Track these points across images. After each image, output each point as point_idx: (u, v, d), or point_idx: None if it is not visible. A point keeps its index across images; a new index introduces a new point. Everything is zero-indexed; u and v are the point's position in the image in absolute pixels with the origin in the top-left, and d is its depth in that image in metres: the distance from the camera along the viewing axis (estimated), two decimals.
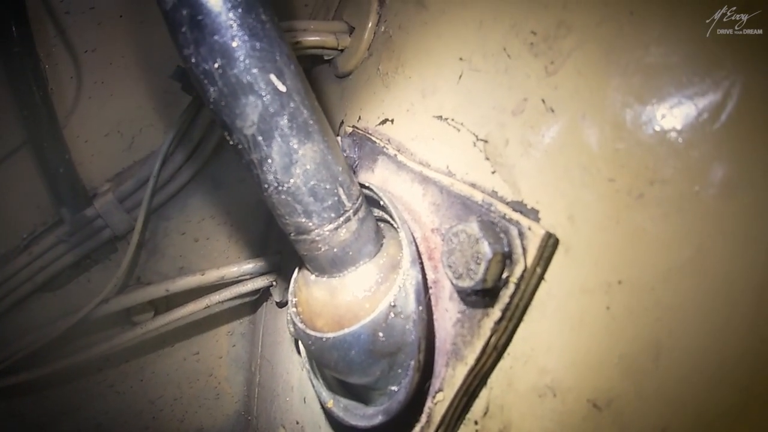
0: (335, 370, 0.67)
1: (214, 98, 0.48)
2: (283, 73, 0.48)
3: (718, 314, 0.41)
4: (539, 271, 0.51)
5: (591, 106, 0.50)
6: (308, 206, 0.54)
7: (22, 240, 0.93)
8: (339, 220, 0.56)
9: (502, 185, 0.57)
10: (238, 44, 0.46)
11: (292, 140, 0.50)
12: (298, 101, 0.49)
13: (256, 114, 0.48)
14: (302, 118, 0.50)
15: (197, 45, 0.46)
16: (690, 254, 0.43)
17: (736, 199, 0.41)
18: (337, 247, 0.58)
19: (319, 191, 0.54)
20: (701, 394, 0.41)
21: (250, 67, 0.46)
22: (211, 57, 0.46)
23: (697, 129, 0.44)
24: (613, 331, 0.46)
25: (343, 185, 0.56)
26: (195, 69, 0.47)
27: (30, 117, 0.86)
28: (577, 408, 0.49)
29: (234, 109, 0.48)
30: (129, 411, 1.07)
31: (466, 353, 0.56)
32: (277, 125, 0.49)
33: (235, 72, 0.46)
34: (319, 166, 0.53)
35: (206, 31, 0.45)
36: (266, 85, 0.47)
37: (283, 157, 0.50)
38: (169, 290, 0.97)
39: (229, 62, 0.46)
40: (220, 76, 0.46)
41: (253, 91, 0.47)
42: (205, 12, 0.45)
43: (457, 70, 0.63)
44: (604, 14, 0.50)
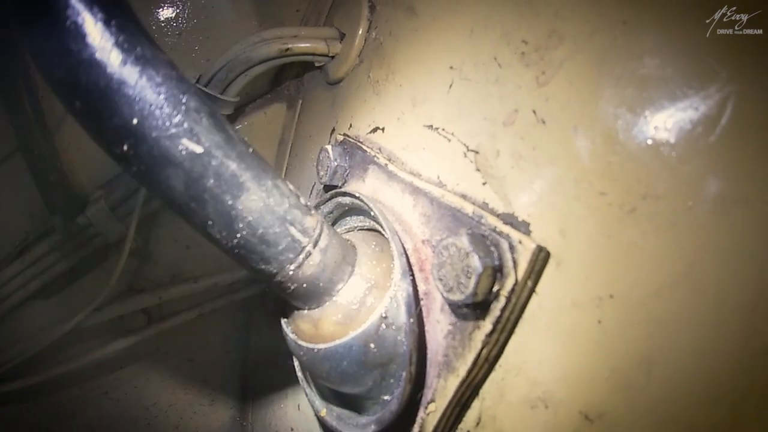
0: (328, 380, 0.67)
1: (138, 177, 0.46)
2: (195, 133, 0.45)
3: (710, 330, 0.41)
4: (530, 284, 0.51)
5: (583, 118, 0.50)
6: (263, 254, 0.53)
7: (14, 248, 0.92)
8: (299, 257, 0.55)
9: (493, 197, 0.56)
10: (139, 120, 0.43)
11: (225, 198, 0.48)
12: (219, 156, 0.47)
13: (181, 183, 0.46)
14: (229, 172, 0.48)
15: (101, 133, 0.44)
16: (682, 270, 0.42)
17: (729, 215, 0.41)
18: (306, 282, 0.58)
19: (270, 237, 0.52)
20: (692, 409, 0.41)
21: (159, 140, 0.44)
22: (118, 141, 0.43)
23: (690, 143, 0.43)
24: (605, 346, 0.46)
25: (293, 223, 0.54)
26: (110, 155, 0.45)
27: (20, 124, 0.85)
28: (569, 420, 0.49)
29: (158, 184, 0.46)
30: (123, 418, 1.06)
31: (458, 365, 0.55)
32: (204, 188, 0.47)
33: (145, 149, 0.44)
34: (262, 213, 0.51)
35: (103, 116, 0.42)
36: (181, 152, 0.45)
37: (222, 216, 0.49)
38: (162, 298, 0.96)
39: (136, 141, 0.43)
40: (133, 157, 0.44)
41: (169, 163, 0.45)
42: (97, 98, 0.42)
43: (448, 79, 0.63)
44: (597, 24, 0.49)
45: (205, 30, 0.94)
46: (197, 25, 0.94)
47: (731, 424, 0.39)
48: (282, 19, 0.96)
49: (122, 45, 0.42)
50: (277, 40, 0.82)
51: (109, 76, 0.42)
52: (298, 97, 0.98)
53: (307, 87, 0.97)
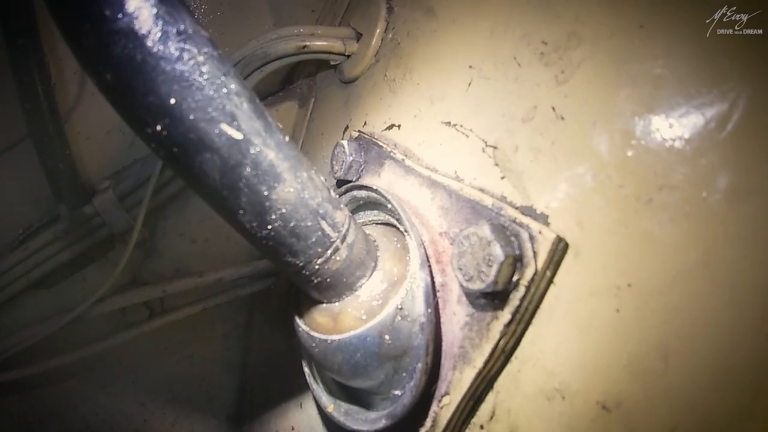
0: (339, 374, 0.67)
1: (168, 160, 0.44)
2: (235, 118, 0.43)
3: (726, 316, 0.42)
4: (549, 274, 0.52)
5: (601, 115, 0.52)
6: (293, 246, 0.52)
7: (18, 235, 0.91)
8: (327, 252, 0.54)
9: (512, 190, 0.58)
10: (177, 100, 0.40)
11: (261, 188, 0.46)
12: (259, 144, 0.45)
13: (216, 170, 0.43)
14: (267, 162, 0.46)
15: (133, 110, 0.41)
16: (698, 258, 0.44)
17: (742, 205, 0.42)
18: (331, 276, 0.57)
19: (301, 230, 0.51)
20: (709, 395, 0.42)
21: (196, 123, 0.41)
22: (152, 120, 0.41)
23: (704, 137, 0.45)
24: (623, 334, 0.47)
25: (325, 217, 0.53)
26: (140, 134, 0.43)
27: (32, 110, 0.85)
28: (586, 410, 0.49)
29: (191, 169, 0.44)
30: (120, 413, 1.04)
31: (475, 356, 0.56)
32: (240, 176, 0.45)
33: (182, 131, 0.41)
34: (295, 206, 0.49)
35: (138, 93, 0.40)
36: (219, 137, 0.42)
37: (255, 206, 0.47)
38: (165, 291, 0.95)
39: (172, 122, 0.41)
40: (167, 139, 0.42)
41: (206, 147, 0.42)
42: (131, 72, 0.39)
43: (467, 77, 0.65)
44: (615, 27, 0.52)
45: (220, 26, 0.96)
46: (213, 21, 0.96)
47: (747, 409, 0.40)
48: (297, 18, 0.97)
49: (163, 17, 0.39)
50: (294, 37, 0.84)
51: (147, 50, 0.39)
52: (311, 95, 1.00)
53: (320, 86, 0.98)
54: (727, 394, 0.41)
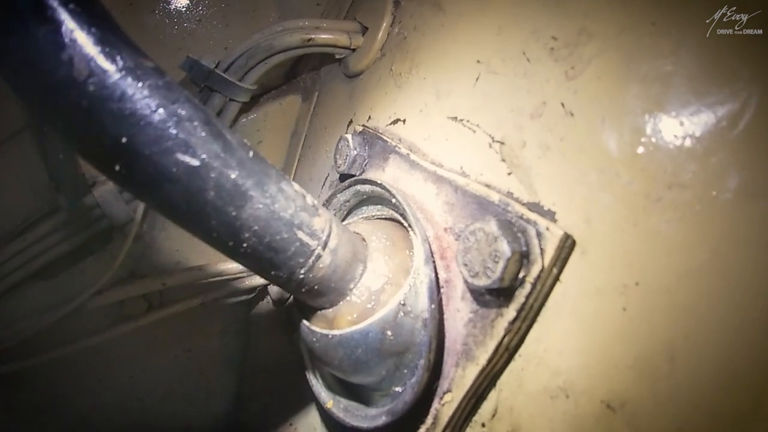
0: (339, 369, 0.67)
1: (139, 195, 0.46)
2: (190, 145, 0.43)
3: (733, 316, 0.42)
4: (555, 271, 0.52)
5: (611, 112, 0.51)
6: (272, 260, 0.52)
7: (17, 226, 0.90)
8: (309, 261, 0.54)
9: (518, 186, 0.57)
10: (128, 138, 0.40)
11: (228, 209, 0.46)
12: (218, 167, 0.45)
13: (181, 199, 0.44)
14: (230, 183, 0.46)
15: (91, 154, 0.42)
16: (706, 257, 0.44)
17: (752, 205, 0.42)
18: (317, 284, 0.57)
19: (278, 244, 0.51)
20: (716, 395, 0.42)
21: (151, 156, 0.41)
22: (110, 161, 0.42)
23: (715, 136, 0.45)
24: (629, 333, 0.47)
25: (301, 227, 0.53)
26: (107, 176, 0.44)
27: None
28: (590, 410, 0.49)
29: (159, 201, 0.45)
30: (117, 407, 1.03)
31: (478, 353, 0.56)
32: (205, 201, 0.45)
33: (139, 167, 0.42)
34: (267, 221, 0.49)
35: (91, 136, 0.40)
36: (176, 166, 0.43)
37: (227, 227, 0.47)
38: (165, 284, 0.95)
39: (128, 161, 0.41)
40: (127, 177, 0.43)
41: (166, 179, 0.43)
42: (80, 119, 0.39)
43: (474, 72, 0.64)
44: (625, 24, 0.51)
45: (224, 18, 0.95)
46: (217, 13, 0.95)
47: (755, 408, 0.40)
48: (302, 12, 0.97)
49: (101, 58, 0.39)
50: (299, 30, 0.83)
51: (90, 95, 0.39)
52: (314, 89, 0.99)
53: (324, 79, 0.98)
54: (732, 394, 0.41)
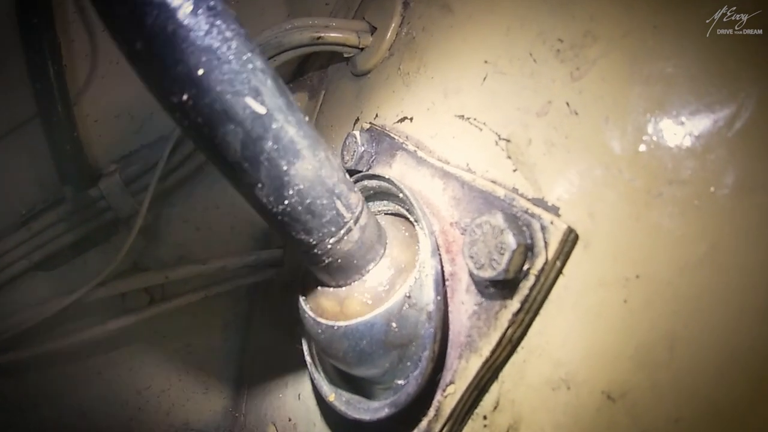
0: (343, 361, 0.67)
1: (190, 131, 0.45)
2: (260, 93, 0.44)
3: (732, 307, 0.43)
4: (559, 264, 0.53)
5: (614, 111, 0.53)
6: (307, 224, 0.53)
7: (21, 216, 0.90)
8: (340, 232, 0.55)
9: (523, 182, 0.59)
10: (205, 71, 0.42)
11: (280, 162, 0.48)
12: (281, 120, 0.46)
13: (238, 141, 0.45)
14: (288, 137, 0.47)
15: (160, 80, 0.42)
16: (705, 250, 0.45)
17: (748, 200, 0.44)
18: (342, 257, 0.58)
19: (316, 208, 0.52)
20: (714, 384, 0.43)
21: (223, 94, 0.43)
22: (178, 90, 0.42)
23: (713, 135, 0.47)
24: (630, 324, 0.48)
25: (340, 197, 0.54)
26: (164, 104, 0.44)
27: (41, 90, 0.85)
28: (591, 400, 0.50)
29: (213, 140, 0.45)
30: (114, 400, 1.03)
31: (482, 345, 0.57)
32: (262, 150, 0.46)
33: (207, 101, 0.43)
34: (313, 183, 0.51)
35: (167, 63, 0.41)
36: (244, 110, 0.44)
37: (274, 180, 0.48)
38: (168, 277, 0.95)
39: (198, 93, 0.42)
40: (192, 109, 0.43)
41: (230, 119, 0.44)
42: (162, 42, 0.41)
43: (482, 72, 0.66)
44: (629, 27, 0.53)
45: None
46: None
47: (752, 397, 0.41)
48: (311, 10, 0.98)
49: None
50: (308, 28, 0.84)
51: (179, 22, 0.40)
52: (321, 87, 1.01)
53: (331, 78, 0.99)
54: (731, 383, 0.42)
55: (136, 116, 0.97)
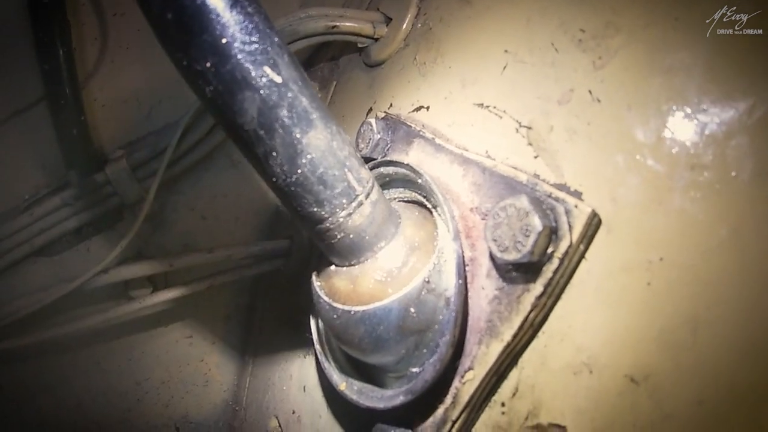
0: (358, 348, 0.67)
1: (210, 98, 0.48)
2: (277, 64, 0.48)
3: (753, 289, 0.44)
4: (582, 248, 0.54)
5: (636, 99, 0.54)
6: (318, 195, 0.54)
7: (24, 200, 0.88)
8: (351, 205, 0.57)
9: (545, 169, 0.59)
10: (228, 41, 0.45)
11: (294, 130, 0.50)
12: (295, 90, 0.50)
13: (255, 108, 0.48)
14: (302, 106, 0.50)
15: (186, 47, 0.45)
16: (727, 234, 0.46)
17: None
18: (353, 233, 0.59)
19: (328, 178, 0.54)
20: (737, 365, 0.44)
21: (243, 62, 0.46)
22: (202, 57, 0.45)
23: (734, 122, 0.48)
24: (654, 306, 0.49)
25: (351, 170, 0.56)
26: (187, 71, 0.47)
27: (50, 72, 0.84)
28: (613, 384, 0.51)
29: (231, 106, 0.48)
30: (113, 391, 1.01)
31: (503, 329, 0.57)
32: (277, 117, 0.49)
33: (228, 68, 0.46)
34: (324, 153, 0.53)
35: (194, 32, 0.45)
36: (261, 77, 0.47)
37: (287, 148, 0.50)
38: (173, 265, 0.94)
39: (220, 60, 0.45)
40: (214, 75, 0.46)
41: (248, 86, 0.47)
42: (191, 13, 0.44)
43: (502, 61, 0.67)
44: (651, 19, 0.54)
45: None
46: None
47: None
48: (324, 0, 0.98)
49: None
50: (324, 17, 0.85)
51: None
52: (332, 78, 1.01)
53: (343, 69, 0.99)
54: (753, 364, 0.43)
55: (143, 102, 0.96)
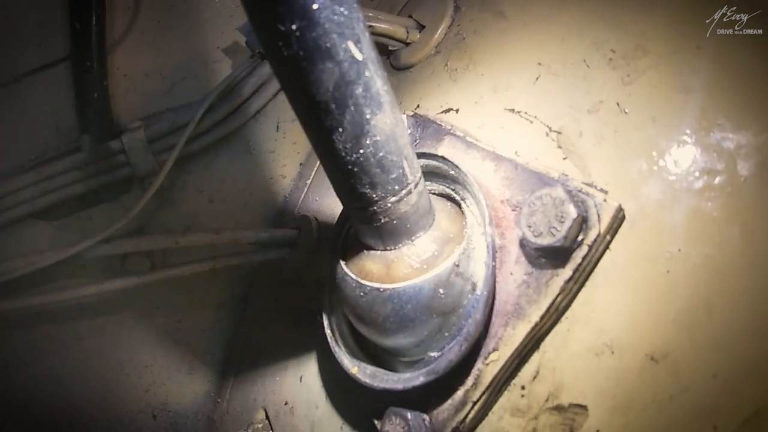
0: (382, 327, 0.68)
1: (287, 63, 0.46)
2: (360, 41, 0.46)
3: (761, 275, 0.51)
4: (608, 238, 0.59)
5: (660, 113, 0.61)
6: (374, 177, 0.54)
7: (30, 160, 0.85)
8: (401, 192, 0.57)
9: (573, 169, 0.65)
10: (320, 6, 0.43)
11: (365, 110, 0.50)
12: (372, 70, 0.49)
13: (332, 81, 0.46)
14: (375, 87, 0.49)
15: (275, 3, 0.43)
16: (738, 228, 0.53)
17: None
18: (396, 219, 0.60)
19: (387, 163, 0.54)
20: (748, 341, 0.50)
21: (329, 32, 0.44)
22: (289, 18, 0.43)
23: (746, 136, 0.56)
24: (672, 291, 0.55)
25: (407, 158, 0.57)
26: (268, 30, 0.45)
27: (81, 32, 0.83)
28: (635, 363, 0.55)
29: (309, 75, 0.46)
30: (93, 369, 0.95)
31: (530, 311, 0.61)
32: (352, 94, 0.48)
33: (314, 36, 0.44)
34: (388, 137, 0.53)
35: None
36: (344, 52, 0.45)
37: (355, 127, 0.50)
38: (178, 242, 0.92)
39: (308, 25, 0.43)
40: (297, 40, 0.44)
41: (330, 57, 0.45)
42: None
43: (535, 72, 0.73)
44: (677, 45, 0.63)
45: None
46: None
47: None
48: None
49: None
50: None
51: None
52: None
53: None
54: (762, 339, 0.49)
55: (166, 78, 0.96)
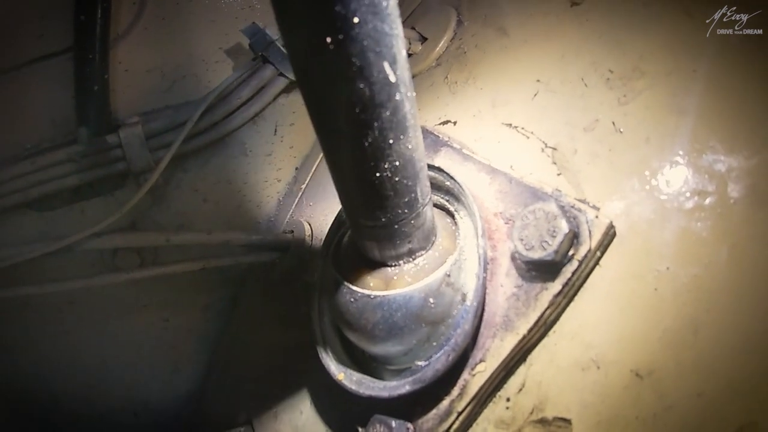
0: (370, 334, 0.67)
1: (314, 78, 0.42)
2: (396, 62, 0.42)
3: (748, 296, 0.52)
4: (599, 255, 0.60)
5: (654, 133, 0.62)
6: (386, 201, 0.52)
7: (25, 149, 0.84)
8: (412, 215, 0.55)
9: (566, 185, 0.66)
10: (360, 21, 0.39)
11: (389, 134, 0.46)
12: (403, 93, 0.44)
13: (361, 102, 0.42)
14: (403, 111, 0.45)
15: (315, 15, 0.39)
16: (726, 249, 0.54)
17: (762, 211, 0.53)
18: (400, 239, 0.58)
19: (401, 188, 0.51)
20: (732, 361, 0.50)
21: (366, 50, 0.40)
22: (325, 30, 0.39)
23: (737, 159, 0.57)
24: (659, 309, 0.55)
25: (420, 182, 0.53)
26: (297, 41, 0.41)
27: (85, 24, 0.83)
28: (620, 378, 0.56)
29: (336, 93, 0.43)
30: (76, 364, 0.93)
31: (519, 324, 0.61)
32: (378, 117, 0.44)
33: (349, 52, 0.40)
34: (406, 163, 0.49)
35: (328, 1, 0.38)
36: (378, 73, 0.41)
37: (376, 151, 0.46)
38: (169, 240, 0.91)
39: (344, 40, 0.39)
40: (331, 54, 0.40)
41: (363, 78, 0.41)
42: None
43: (533, 89, 0.74)
44: (673, 67, 0.64)
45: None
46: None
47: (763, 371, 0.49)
48: None
49: None
50: None
51: None
52: None
53: None
54: (746, 360, 0.50)
55: (167, 75, 0.96)
